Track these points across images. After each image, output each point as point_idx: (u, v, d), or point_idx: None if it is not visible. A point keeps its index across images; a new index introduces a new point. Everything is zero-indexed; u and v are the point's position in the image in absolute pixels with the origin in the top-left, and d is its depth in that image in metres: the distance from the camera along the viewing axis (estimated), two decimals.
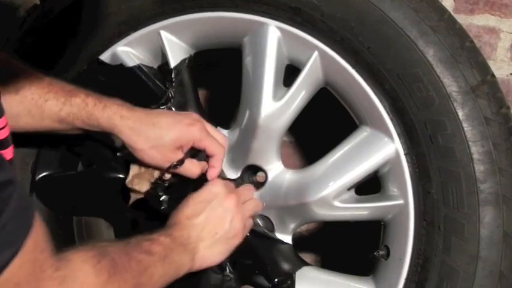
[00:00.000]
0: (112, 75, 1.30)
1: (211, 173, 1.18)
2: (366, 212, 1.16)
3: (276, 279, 1.18)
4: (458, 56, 1.07)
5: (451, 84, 1.06)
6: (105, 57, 1.29)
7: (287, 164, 1.24)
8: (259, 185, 1.25)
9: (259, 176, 1.25)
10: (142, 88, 1.28)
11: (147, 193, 1.20)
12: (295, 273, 1.19)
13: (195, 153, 1.17)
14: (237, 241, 1.13)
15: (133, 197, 1.22)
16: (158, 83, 1.27)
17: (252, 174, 1.25)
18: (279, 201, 1.21)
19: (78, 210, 1.37)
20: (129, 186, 1.20)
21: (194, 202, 1.12)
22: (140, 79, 1.28)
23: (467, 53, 1.08)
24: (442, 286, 1.07)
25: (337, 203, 1.15)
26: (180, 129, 1.13)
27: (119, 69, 1.28)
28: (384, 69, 1.10)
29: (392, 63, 1.09)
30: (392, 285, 1.12)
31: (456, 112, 1.06)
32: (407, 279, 1.10)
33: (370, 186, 1.17)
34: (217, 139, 1.17)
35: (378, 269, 1.16)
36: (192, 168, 1.16)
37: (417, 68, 1.07)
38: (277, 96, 1.18)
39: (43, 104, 1.12)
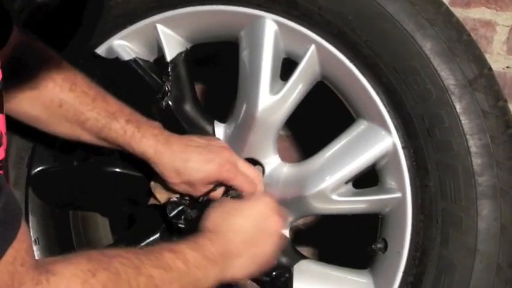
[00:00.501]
0: (108, 68, 1.29)
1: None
2: (363, 205, 1.16)
3: (274, 273, 1.18)
4: (455, 49, 1.07)
5: (448, 78, 1.06)
6: (101, 50, 1.29)
7: (284, 158, 1.24)
8: None
9: None
10: (139, 82, 1.28)
11: (165, 203, 1.21)
12: (293, 267, 1.19)
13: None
14: (267, 265, 1.12)
15: (152, 201, 1.24)
16: (154, 77, 1.27)
17: None
18: (276, 194, 1.21)
19: (74, 204, 1.37)
20: (152, 190, 1.22)
21: (239, 214, 1.10)
22: (136, 73, 1.28)
23: (465, 46, 1.08)
24: (440, 279, 1.07)
25: (334, 197, 1.16)
26: (211, 169, 1.15)
27: (115, 62, 1.27)
28: (381, 63, 1.10)
29: (389, 57, 1.09)
30: (390, 278, 1.12)
31: (453, 105, 1.06)
32: (404, 272, 1.11)
33: (367, 179, 1.17)
34: (249, 176, 1.18)
35: (376, 262, 1.16)
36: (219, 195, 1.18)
37: (414, 61, 1.07)
38: (274, 90, 1.18)
39: (84, 122, 1.16)
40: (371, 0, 1.09)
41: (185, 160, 1.15)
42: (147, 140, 1.15)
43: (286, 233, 1.23)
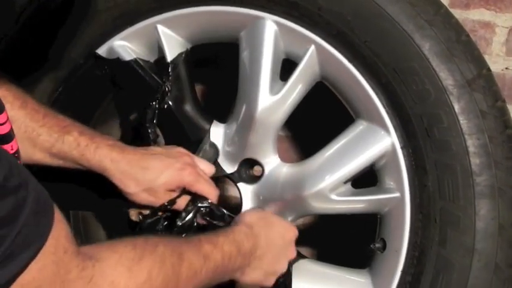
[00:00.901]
0: (109, 69, 1.30)
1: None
2: (362, 205, 1.17)
3: None
4: (454, 50, 1.08)
5: (447, 78, 1.07)
6: (101, 51, 1.29)
7: (283, 159, 1.25)
8: (256, 179, 1.25)
9: (256, 170, 1.26)
10: (139, 82, 1.28)
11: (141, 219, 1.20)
12: (292, 266, 1.19)
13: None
14: (269, 280, 1.13)
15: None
16: (155, 77, 1.28)
17: (248, 168, 1.26)
18: (275, 194, 1.22)
19: (74, 204, 1.37)
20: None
21: (278, 228, 1.13)
22: (137, 73, 1.28)
23: (463, 46, 1.09)
24: (438, 278, 1.07)
25: (333, 196, 1.16)
26: (171, 173, 1.13)
27: (116, 63, 1.28)
28: (381, 63, 1.10)
29: (388, 57, 1.10)
30: (389, 277, 1.12)
31: (452, 105, 1.06)
32: (403, 272, 1.11)
33: (366, 179, 1.18)
34: (206, 176, 1.18)
35: (374, 262, 1.17)
36: (184, 204, 1.17)
37: (413, 61, 1.08)
38: (274, 90, 1.18)
39: (36, 138, 1.12)
40: (370, 1, 1.09)
41: (143, 167, 1.12)
42: (102, 150, 1.12)
43: None
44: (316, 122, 1.47)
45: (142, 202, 1.15)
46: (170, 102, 1.25)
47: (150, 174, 1.12)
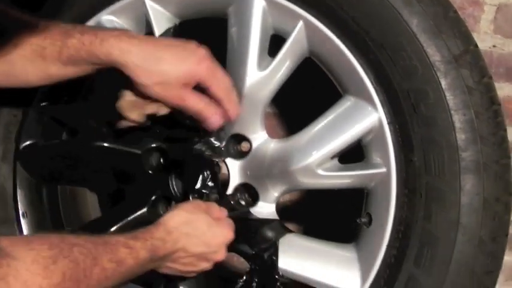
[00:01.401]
0: None
1: (232, 113, 1.14)
2: (349, 180, 1.17)
3: (259, 246, 1.19)
4: (441, 26, 1.08)
5: (434, 54, 1.07)
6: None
7: (271, 135, 1.25)
8: (243, 154, 1.25)
9: (244, 145, 1.26)
10: None
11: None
12: (278, 241, 1.20)
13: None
14: (186, 275, 1.13)
15: (124, 123, 1.18)
16: None
17: (236, 143, 1.26)
18: (263, 170, 1.22)
19: (62, 179, 1.37)
20: (119, 110, 1.15)
21: (201, 236, 1.09)
22: None
23: (451, 23, 1.09)
24: (423, 252, 1.08)
25: (320, 171, 1.16)
26: (187, 67, 1.08)
27: None
28: (368, 39, 1.10)
29: (376, 33, 1.10)
30: (374, 251, 1.13)
31: (439, 81, 1.07)
32: (388, 246, 1.12)
33: (353, 154, 1.18)
34: (226, 78, 1.12)
35: (360, 236, 1.18)
36: (198, 104, 1.11)
37: (401, 37, 1.08)
38: (262, 66, 1.18)
39: (43, 52, 1.09)
40: None
41: (158, 58, 1.07)
42: (108, 42, 1.06)
43: (273, 207, 1.24)
44: (304, 98, 1.47)
45: (152, 96, 1.10)
46: None
47: (164, 66, 1.07)
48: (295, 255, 1.20)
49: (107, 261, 0.94)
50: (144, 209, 1.27)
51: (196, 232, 1.09)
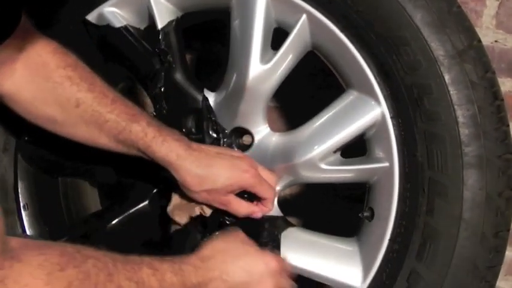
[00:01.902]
0: (99, 36, 1.29)
1: (264, 211, 1.19)
2: (351, 174, 1.17)
3: (261, 240, 1.19)
4: (445, 21, 1.07)
5: (438, 48, 1.07)
6: (91, 17, 1.28)
7: (273, 129, 1.25)
8: (245, 148, 1.25)
9: (246, 139, 1.26)
10: (130, 49, 1.27)
11: (186, 225, 1.21)
12: (280, 234, 1.20)
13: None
14: None
15: (173, 227, 1.23)
16: (145, 45, 1.27)
17: (238, 136, 1.26)
18: (265, 163, 1.22)
19: (63, 171, 1.37)
20: (170, 215, 1.21)
21: (240, 260, 1.05)
22: (127, 40, 1.27)
23: (455, 17, 1.08)
24: (425, 247, 1.08)
25: (323, 165, 1.16)
26: (235, 175, 1.13)
27: (106, 29, 1.27)
28: (372, 33, 1.10)
29: (380, 27, 1.09)
30: (376, 245, 1.13)
31: (442, 76, 1.06)
32: (390, 240, 1.12)
33: (356, 149, 1.18)
34: (268, 181, 1.17)
35: (362, 231, 1.18)
36: (239, 209, 1.17)
37: (405, 31, 1.07)
38: (264, 59, 1.18)
39: (103, 124, 1.12)
40: None
41: (209, 166, 1.12)
42: (169, 144, 1.11)
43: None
44: (306, 93, 1.47)
45: (199, 200, 1.15)
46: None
47: (214, 174, 1.12)
48: (297, 249, 1.19)
49: (124, 279, 0.89)
50: (145, 203, 1.27)
51: (233, 259, 1.05)
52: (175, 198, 1.21)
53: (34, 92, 1.11)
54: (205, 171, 1.12)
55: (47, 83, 1.10)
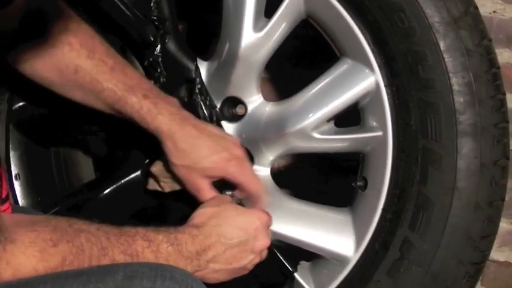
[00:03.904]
0: (89, 3, 1.27)
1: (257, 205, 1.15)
2: (344, 144, 1.17)
3: None
4: None
5: (433, 15, 1.05)
6: None
7: (266, 99, 1.23)
8: (238, 118, 1.24)
9: (239, 109, 1.25)
10: (122, 18, 1.25)
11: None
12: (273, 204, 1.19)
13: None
14: (239, 274, 1.07)
15: (152, 186, 1.23)
16: (137, 13, 1.25)
17: (231, 106, 1.24)
18: (258, 133, 1.21)
19: (55, 141, 1.36)
20: (156, 176, 1.20)
21: (234, 222, 1.04)
22: (119, 8, 1.25)
23: None
24: (418, 216, 1.08)
25: (316, 135, 1.15)
26: (216, 161, 1.12)
27: None
28: (366, 0, 1.08)
29: None
30: (369, 215, 1.13)
31: (438, 43, 1.05)
32: (383, 209, 1.11)
33: (349, 118, 1.17)
34: (255, 178, 1.15)
35: (356, 200, 1.17)
36: (207, 198, 1.13)
37: None
38: (257, 27, 1.16)
39: (100, 92, 1.12)
40: None
41: (196, 145, 1.12)
42: (163, 117, 1.11)
43: (268, 171, 1.23)
44: (300, 62, 1.46)
45: (176, 174, 1.15)
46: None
47: (199, 153, 1.11)
48: (290, 219, 1.19)
49: (118, 252, 0.88)
50: (138, 173, 1.26)
51: (227, 221, 1.04)
52: (159, 164, 1.20)
53: (32, 53, 1.10)
54: (190, 148, 1.11)
55: (46, 46, 1.09)
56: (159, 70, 1.24)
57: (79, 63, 1.11)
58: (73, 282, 0.78)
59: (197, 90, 1.23)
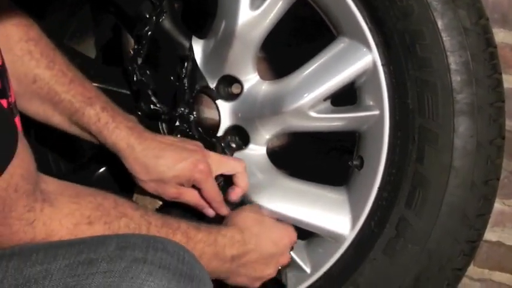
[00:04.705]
0: None
1: (220, 212, 1.15)
2: (341, 123, 1.16)
3: None
4: None
5: None
6: None
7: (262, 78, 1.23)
8: (234, 96, 1.23)
9: (235, 87, 1.24)
10: None
11: None
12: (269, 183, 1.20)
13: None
14: (255, 283, 1.10)
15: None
16: None
17: (227, 85, 1.24)
18: (254, 112, 1.21)
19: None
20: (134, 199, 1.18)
21: (271, 233, 1.08)
22: None
23: None
24: (414, 195, 1.08)
25: (312, 113, 1.15)
26: (183, 168, 1.10)
27: None
28: None
29: None
30: (365, 194, 1.13)
31: (435, 22, 1.05)
32: (380, 188, 1.12)
33: (346, 97, 1.17)
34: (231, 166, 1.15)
35: (351, 179, 1.17)
36: (193, 198, 1.13)
37: None
38: (254, 5, 1.15)
39: (58, 103, 1.08)
40: None
41: (157, 157, 1.09)
42: (121, 131, 1.09)
43: (264, 150, 1.23)
44: (297, 41, 1.45)
45: (150, 190, 1.12)
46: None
47: (162, 165, 1.09)
48: (286, 198, 1.19)
49: (159, 229, 0.92)
50: None
51: (266, 231, 1.07)
52: (138, 188, 1.16)
53: None
54: (153, 162, 1.09)
55: (6, 54, 1.01)
56: (153, 48, 1.23)
57: (38, 73, 1.07)
58: (65, 252, 0.79)
59: (191, 69, 1.23)
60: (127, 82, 1.24)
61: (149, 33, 1.21)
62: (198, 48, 1.23)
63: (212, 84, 1.23)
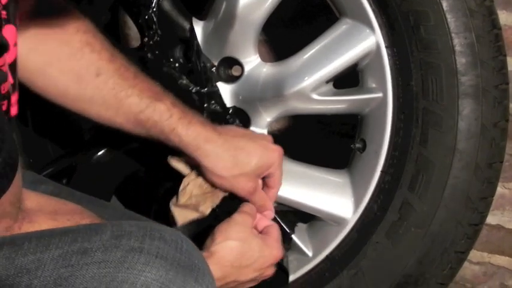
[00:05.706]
0: None
1: (271, 195, 1.05)
2: (343, 105, 1.16)
3: None
4: None
5: None
6: None
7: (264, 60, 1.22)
8: (235, 79, 1.22)
9: (235, 69, 1.23)
10: None
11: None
12: None
13: None
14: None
15: (186, 216, 1.03)
16: None
17: (227, 67, 1.23)
18: (255, 94, 1.20)
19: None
20: (184, 202, 1.04)
21: (254, 264, 0.96)
22: None
23: None
24: (418, 178, 1.08)
25: (314, 96, 1.14)
26: (266, 155, 1.01)
27: None
28: None
29: None
30: (368, 177, 1.12)
31: (440, 3, 1.04)
32: (382, 171, 1.11)
33: (349, 79, 1.16)
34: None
35: (354, 162, 1.17)
36: (263, 197, 1.04)
37: None
38: None
39: (124, 99, 0.98)
40: None
41: (239, 148, 0.99)
42: (196, 127, 0.98)
43: (265, 132, 1.22)
44: (299, 24, 1.44)
45: (226, 187, 1.02)
46: None
47: (245, 157, 0.99)
48: (288, 181, 1.17)
49: None
50: None
51: (248, 262, 0.96)
52: (191, 186, 1.03)
53: (47, 56, 0.98)
54: (237, 154, 0.99)
55: (63, 47, 0.97)
56: (153, 28, 1.22)
57: (101, 66, 0.98)
58: (59, 241, 0.76)
59: (193, 51, 1.21)
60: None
61: (154, 17, 1.18)
62: (198, 29, 1.22)
63: (213, 66, 1.22)
